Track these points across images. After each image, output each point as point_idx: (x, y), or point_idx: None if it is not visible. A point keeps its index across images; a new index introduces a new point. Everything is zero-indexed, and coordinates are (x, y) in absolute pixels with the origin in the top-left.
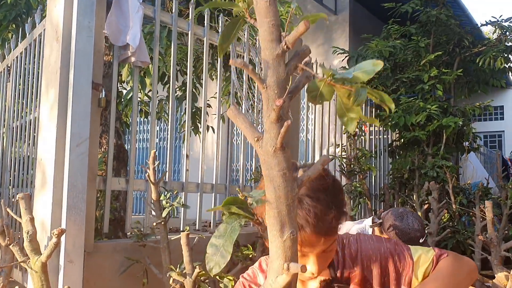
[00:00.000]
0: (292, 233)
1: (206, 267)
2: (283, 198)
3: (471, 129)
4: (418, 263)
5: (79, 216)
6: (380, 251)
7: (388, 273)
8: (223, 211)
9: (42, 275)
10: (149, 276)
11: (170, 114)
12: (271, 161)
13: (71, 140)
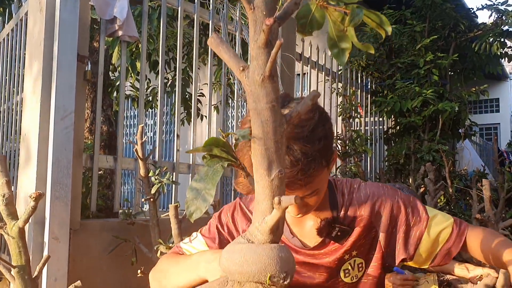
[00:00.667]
0: (280, 172)
1: (186, 212)
2: (271, 133)
3: (467, 115)
4: (433, 220)
5: (63, 191)
6: (393, 200)
7: (397, 224)
8: (204, 154)
9: (19, 241)
10: (138, 255)
11: (160, 89)
12: (258, 92)
13: (55, 114)
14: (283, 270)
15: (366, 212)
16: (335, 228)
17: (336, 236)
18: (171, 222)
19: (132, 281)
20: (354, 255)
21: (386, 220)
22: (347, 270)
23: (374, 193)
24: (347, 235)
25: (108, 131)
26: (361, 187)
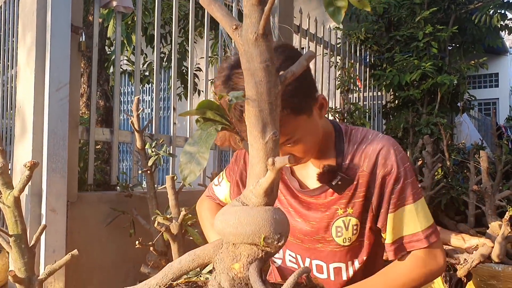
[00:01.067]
0: (275, 134)
1: (180, 176)
2: (265, 95)
3: (465, 88)
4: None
5: (60, 163)
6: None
7: (385, 190)
8: (197, 117)
9: (15, 210)
10: (136, 227)
11: (155, 63)
12: (252, 51)
13: (50, 85)
14: (277, 231)
15: (368, 168)
16: (337, 176)
17: (336, 184)
18: (168, 193)
19: (131, 252)
20: (349, 213)
21: (380, 183)
22: (340, 229)
23: (382, 151)
24: (347, 186)
25: (105, 106)
26: (375, 140)
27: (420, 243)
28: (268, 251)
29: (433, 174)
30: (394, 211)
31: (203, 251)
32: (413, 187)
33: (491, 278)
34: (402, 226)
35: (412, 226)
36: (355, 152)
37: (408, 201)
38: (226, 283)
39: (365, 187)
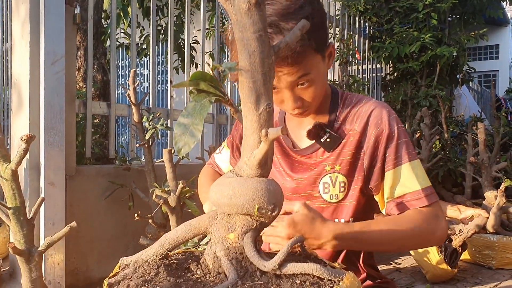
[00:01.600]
0: (268, 105)
1: (174, 148)
2: (258, 65)
3: (465, 60)
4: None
5: (57, 137)
6: (389, 127)
7: (379, 150)
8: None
9: (13, 183)
10: (135, 199)
11: (152, 35)
12: (245, 21)
13: (45, 58)
14: (271, 202)
15: (359, 127)
16: (326, 133)
17: (325, 142)
18: (166, 166)
19: (130, 225)
20: (336, 169)
21: (372, 142)
22: (327, 185)
23: (374, 111)
24: (337, 143)
25: (102, 80)
26: (368, 102)
27: (420, 201)
28: (263, 221)
29: (430, 147)
30: (392, 169)
31: (199, 221)
32: (408, 147)
33: (486, 248)
34: (401, 184)
35: (412, 184)
36: (348, 113)
37: (405, 160)
38: (222, 253)
39: (354, 146)
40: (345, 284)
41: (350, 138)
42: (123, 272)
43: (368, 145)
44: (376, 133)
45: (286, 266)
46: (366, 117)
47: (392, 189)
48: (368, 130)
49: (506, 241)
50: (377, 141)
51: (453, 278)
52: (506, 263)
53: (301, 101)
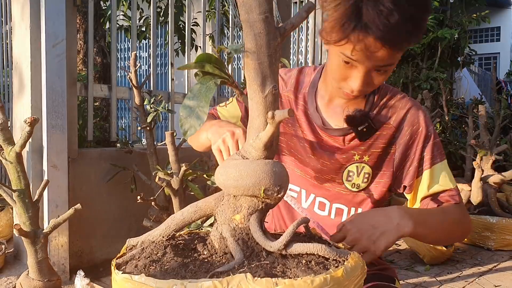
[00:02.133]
0: (274, 88)
1: (180, 130)
2: (264, 47)
3: (466, 43)
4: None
5: (59, 120)
6: (426, 126)
7: (413, 149)
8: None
9: (17, 165)
10: (137, 182)
11: (152, 17)
12: (251, 2)
13: (46, 41)
14: (276, 183)
15: (395, 122)
16: (365, 122)
17: (361, 131)
18: (168, 149)
19: (132, 207)
20: (364, 160)
21: (407, 140)
22: (352, 174)
23: (412, 109)
24: (371, 135)
25: (102, 63)
26: (404, 98)
27: (454, 198)
28: (268, 202)
29: None
30: (429, 168)
31: (205, 203)
32: (440, 147)
33: (485, 230)
34: (437, 182)
35: (447, 182)
36: (384, 105)
37: (441, 159)
38: (228, 233)
39: (387, 140)
40: (350, 263)
41: (384, 132)
42: (131, 253)
43: (402, 142)
44: (411, 131)
45: (291, 246)
46: (403, 113)
47: (429, 187)
48: (403, 127)
49: (505, 223)
50: (412, 139)
51: (451, 259)
52: (505, 245)
53: (367, 86)
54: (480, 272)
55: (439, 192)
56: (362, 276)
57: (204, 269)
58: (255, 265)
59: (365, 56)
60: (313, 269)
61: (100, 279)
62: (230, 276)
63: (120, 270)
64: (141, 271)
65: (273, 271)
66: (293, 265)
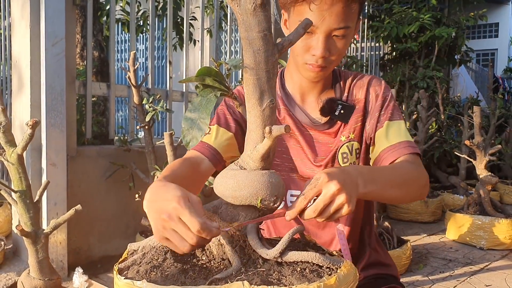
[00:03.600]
0: (272, 102)
1: (183, 141)
2: (263, 63)
3: (464, 41)
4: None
5: (58, 118)
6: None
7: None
8: (196, 83)
9: (19, 167)
10: (135, 180)
11: (151, 12)
12: (250, 20)
13: (46, 40)
14: (273, 194)
15: (362, 95)
16: (338, 105)
17: (340, 114)
18: (166, 149)
19: (131, 205)
20: (351, 138)
21: (371, 104)
22: (345, 155)
23: (372, 79)
24: (350, 112)
25: (99, 57)
26: (365, 75)
27: (414, 149)
28: (265, 211)
29: (427, 128)
30: (387, 121)
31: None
32: (399, 110)
33: (478, 229)
34: (394, 135)
35: (406, 135)
36: (350, 85)
37: (397, 117)
38: (226, 240)
39: (362, 112)
40: (343, 271)
41: (357, 106)
42: (132, 258)
43: (370, 108)
44: (375, 96)
45: (287, 254)
46: (366, 85)
47: (387, 139)
48: (368, 96)
49: (497, 223)
50: (374, 101)
51: (444, 258)
52: (497, 244)
53: (330, 51)
54: (472, 271)
55: (396, 144)
56: (354, 283)
57: (203, 275)
58: (252, 272)
59: (322, 15)
60: (307, 277)
61: (98, 276)
62: (228, 284)
63: (122, 275)
64: (143, 276)
65: (269, 279)
66: (288, 272)
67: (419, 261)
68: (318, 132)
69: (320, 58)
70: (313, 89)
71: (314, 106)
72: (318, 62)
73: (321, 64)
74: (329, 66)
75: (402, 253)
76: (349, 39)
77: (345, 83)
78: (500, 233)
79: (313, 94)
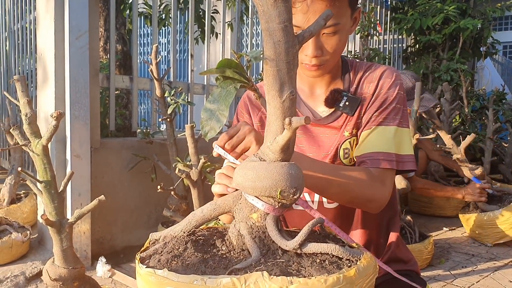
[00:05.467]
0: (292, 93)
1: (201, 132)
2: (283, 54)
3: (490, 32)
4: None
5: (82, 110)
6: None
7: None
8: (217, 75)
9: (44, 158)
10: (157, 172)
11: (173, 6)
12: (271, 11)
13: (70, 33)
14: (293, 185)
15: (371, 90)
16: (343, 97)
17: (344, 105)
18: (187, 142)
19: (153, 196)
20: (354, 133)
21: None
22: (347, 150)
23: (384, 72)
24: (356, 105)
25: (122, 50)
26: (379, 67)
27: (389, 163)
28: (284, 203)
29: (450, 121)
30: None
31: (224, 201)
32: (399, 113)
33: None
34: (380, 141)
35: (388, 145)
36: (360, 78)
37: (392, 123)
38: (245, 231)
39: (371, 103)
40: (362, 263)
41: (364, 101)
42: (154, 247)
43: (373, 103)
44: (378, 92)
45: (306, 245)
46: (377, 80)
47: (366, 144)
48: (377, 91)
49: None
50: (375, 98)
51: (466, 253)
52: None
53: (321, 50)
54: (495, 266)
55: (372, 153)
56: (374, 275)
57: (223, 265)
58: (271, 263)
59: (306, 17)
60: (326, 269)
61: (120, 266)
62: (247, 274)
63: (144, 264)
64: (164, 265)
65: (288, 270)
66: (308, 264)
67: (441, 255)
68: (323, 127)
69: (313, 58)
70: (320, 81)
71: (322, 99)
72: (312, 62)
73: (315, 63)
74: (326, 63)
75: (424, 248)
76: (343, 34)
77: (356, 75)
78: None
79: (321, 87)
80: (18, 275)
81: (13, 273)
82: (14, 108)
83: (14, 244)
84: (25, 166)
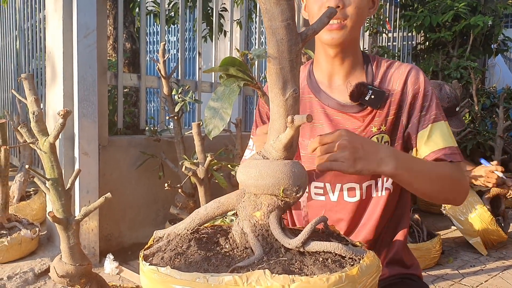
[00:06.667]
0: (295, 91)
1: (205, 130)
2: (286, 53)
3: (500, 30)
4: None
5: (91, 108)
6: (426, 87)
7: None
8: (220, 73)
9: (51, 155)
10: (165, 170)
11: (181, 4)
12: (274, 10)
13: (78, 32)
14: (295, 184)
15: (399, 86)
16: (368, 90)
17: (370, 99)
18: (194, 140)
19: (160, 194)
20: (382, 130)
21: (410, 100)
22: None
23: (411, 71)
24: (381, 99)
25: (131, 48)
26: (402, 64)
27: (455, 157)
28: (287, 201)
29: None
30: (433, 123)
31: (227, 199)
32: (441, 109)
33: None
34: (441, 138)
35: (449, 140)
36: (384, 74)
37: (441, 118)
38: (248, 229)
39: (397, 105)
40: (365, 262)
41: (392, 98)
42: (157, 245)
43: (406, 103)
44: (413, 91)
45: (309, 244)
46: (404, 76)
47: (428, 145)
48: (407, 89)
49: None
50: (414, 98)
51: (475, 252)
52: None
53: (343, 2)
54: (504, 266)
55: (441, 149)
56: (377, 274)
57: (225, 263)
58: (274, 261)
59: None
60: (329, 267)
61: (128, 263)
62: (249, 272)
63: (147, 262)
64: (167, 263)
65: (291, 268)
66: (310, 262)
67: (449, 254)
68: (347, 115)
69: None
70: (339, 71)
71: (342, 90)
72: (334, 21)
73: (338, 17)
74: (348, 24)
75: (432, 246)
76: (363, 2)
77: (378, 68)
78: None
79: (340, 77)
80: (27, 271)
81: (22, 269)
82: (23, 106)
83: (23, 241)
84: (34, 163)
